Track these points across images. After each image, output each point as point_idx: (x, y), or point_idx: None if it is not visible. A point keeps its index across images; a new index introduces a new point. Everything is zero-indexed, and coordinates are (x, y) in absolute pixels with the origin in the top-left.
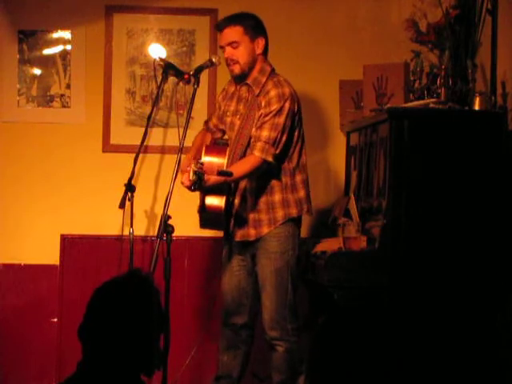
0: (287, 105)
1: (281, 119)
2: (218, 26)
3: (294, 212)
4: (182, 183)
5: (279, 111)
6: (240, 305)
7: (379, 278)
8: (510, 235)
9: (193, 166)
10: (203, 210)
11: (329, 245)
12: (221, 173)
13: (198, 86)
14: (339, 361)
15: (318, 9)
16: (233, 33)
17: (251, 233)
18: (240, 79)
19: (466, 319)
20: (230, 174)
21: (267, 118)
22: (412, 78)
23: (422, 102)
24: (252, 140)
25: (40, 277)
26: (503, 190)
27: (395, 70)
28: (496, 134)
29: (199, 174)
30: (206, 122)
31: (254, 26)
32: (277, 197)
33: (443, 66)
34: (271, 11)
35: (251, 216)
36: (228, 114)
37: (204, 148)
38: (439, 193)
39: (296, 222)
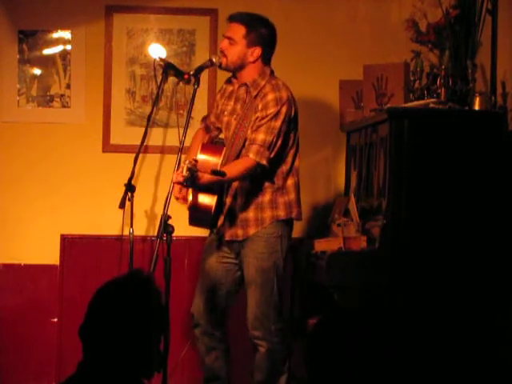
0: (284, 109)
1: (277, 123)
2: (229, 17)
3: (281, 214)
4: (174, 180)
5: (276, 115)
6: (213, 303)
7: (379, 277)
8: (510, 235)
9: (187, 162)
10: (194, 208)
11: (329, 245)
12: (214, 172)
13: (198, 85)
14: (338, 361)
15: (319, 9)
16: (235, 30)
17: (239, 233)
18: (233, 74)
19: (466, 319)
20: (223, 174)
21: (263, 122)
22: (412, 78)
23: (422, 101)
24: (247, 142)
25: (40, 277)
26: (503, 190)
27: (395, 70)
28: (496, 134)
29: (192, 171)
30: (204, 120)
31: (258, 35)
32: (266, 198)
33: (443, 66)
34: (271, 11)
35: (240, 216)
36: (225, 113)
37: (200, 146)
38: (439, 193)
39: (285, 223)
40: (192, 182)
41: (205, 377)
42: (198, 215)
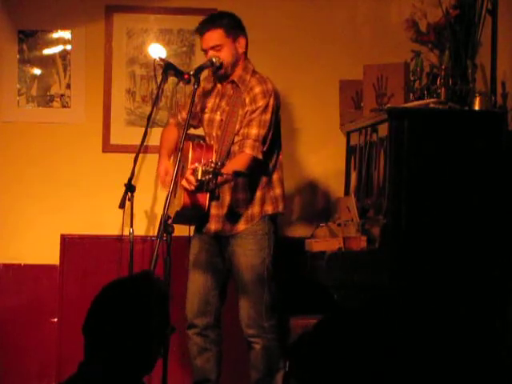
0: (272, 101)
1: (267, 116)
2: (199, 30)
3: (269, 209)
4: (185, 186)
5: (266, 108)
6: (207, 304)
7: (379, 277)
8: (510, 235)
9: (202, 166)
10: (188, 207)
11: (329, 245)
12: (236, 173)
13: (198, 85)
14: (338, 361)
15: (318, 9)
16: (214, 36)
17: (226, 228)
18: (222, 78)
19: (466, 319)
20: (243, 174)
21: (254, 115)
22: (412, 78)
23: (422, 102)
24: (239, 138)
25: (40, 277)
26: (503, 190)
27: (395, 70)
28: (496, 134)
29: (217, 174)
30: (174, 116)
31: (234, 26)
32: (256, 194)
33: (443, 66)
34: (271, 11)
35: (229, 212)
36: (206, 110)
37: (191, 146)
38: (439, 193)
39: (272, 219)
40: (212, 185)
41: (194, 379)
42: (190, 213)
